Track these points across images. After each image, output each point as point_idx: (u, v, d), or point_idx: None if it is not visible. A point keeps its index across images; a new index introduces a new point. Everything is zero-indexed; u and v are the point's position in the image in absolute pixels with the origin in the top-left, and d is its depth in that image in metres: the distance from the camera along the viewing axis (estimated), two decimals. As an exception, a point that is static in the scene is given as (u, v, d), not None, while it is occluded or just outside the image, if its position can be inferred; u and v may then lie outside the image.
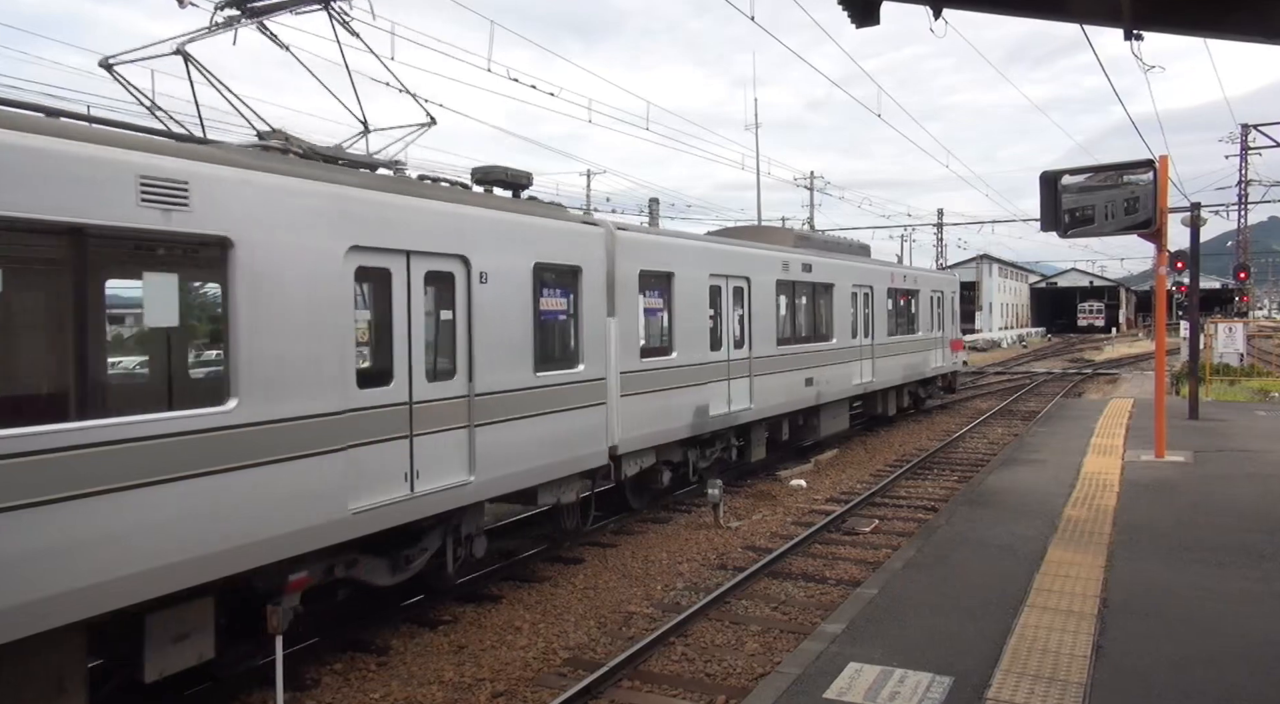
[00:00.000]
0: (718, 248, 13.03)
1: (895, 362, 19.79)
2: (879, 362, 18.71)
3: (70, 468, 4.90)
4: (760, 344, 13.75)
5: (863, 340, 17.94)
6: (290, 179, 6.29)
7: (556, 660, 7.44)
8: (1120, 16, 7.22)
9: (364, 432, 6.70)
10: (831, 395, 16.36)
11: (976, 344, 61.22)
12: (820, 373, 15.78)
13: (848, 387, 17.19)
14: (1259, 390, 25.20)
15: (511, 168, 9.41)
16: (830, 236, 18.57)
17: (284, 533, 6.06)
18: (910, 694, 5.29)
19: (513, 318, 8.46)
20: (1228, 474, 12.00)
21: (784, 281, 14.73)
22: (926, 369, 22.15)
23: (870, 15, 7.39)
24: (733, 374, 12.98)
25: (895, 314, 20.13)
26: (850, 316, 17.37)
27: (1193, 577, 7.49)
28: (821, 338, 16.21)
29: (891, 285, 19.65)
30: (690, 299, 11.87)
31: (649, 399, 10.82)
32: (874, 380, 18.43)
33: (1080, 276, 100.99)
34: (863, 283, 17.99)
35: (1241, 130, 39.98)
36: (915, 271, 22.68)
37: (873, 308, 18.49)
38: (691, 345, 11.86)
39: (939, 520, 9.89)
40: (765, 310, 13.99)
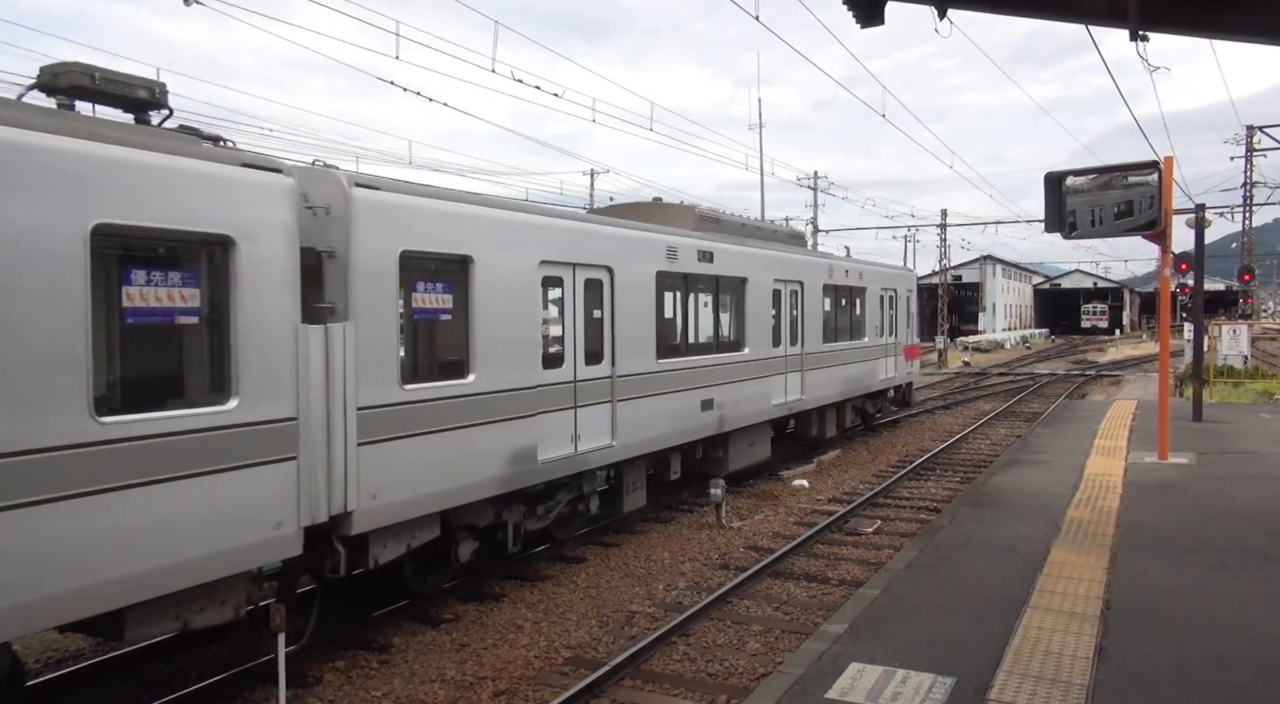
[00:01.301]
0: (555, 225, 9.36)
1: (833, 374, 16.54)
2: (811, 375, 15.45)
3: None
4: (631, 358, 10.36)
5: (789, 349, 14.67)
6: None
7: (558, 659, 7.44)
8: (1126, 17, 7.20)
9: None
10: (742, 419, 13.08)
11: (980, 345, 61.17)
12: (725, 392, 12.48)
13: (766, 407, 13.86)
14: (1263, 393, 25.14)
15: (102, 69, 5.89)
16: (750, 220, 14.89)
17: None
18: (912, 695, 5.29)
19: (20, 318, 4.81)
20: (1232, 476, 11.98)
21: (670, 274, 11.36)
22: (874, 382, 19.00)
23: (875, 15, 7.38)
24: (584, 400, 9.60)
25: (834, 317, 16.88)
26: (770, 320, 14.01)
27: (1196, 578, 7.48)
28: (728, 347, 12.93)
29: (829, 281, 16.38)
30: (503, 296, 8.39)
31: (419, 445, 7.35)
32: (803, 398, 15.15)
33: (1084, 278, 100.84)
34: (788, 277, 14.67)
35: (1247, 132, 39.86)
36: (862, 265, 19.02)
37: (803, 309, 15.21)
38: (506, 363, 8.40)
39: (942, 521, 9.88)
40: (639, 312, 10.57)
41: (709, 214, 13.42)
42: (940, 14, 7.31)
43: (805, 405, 15.35)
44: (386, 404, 7.06)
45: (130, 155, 5.34)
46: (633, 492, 11.15)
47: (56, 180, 4.94)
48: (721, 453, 13.06)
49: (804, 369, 15.19)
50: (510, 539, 8.94)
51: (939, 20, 7.32)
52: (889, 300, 19.93)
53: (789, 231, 16.49)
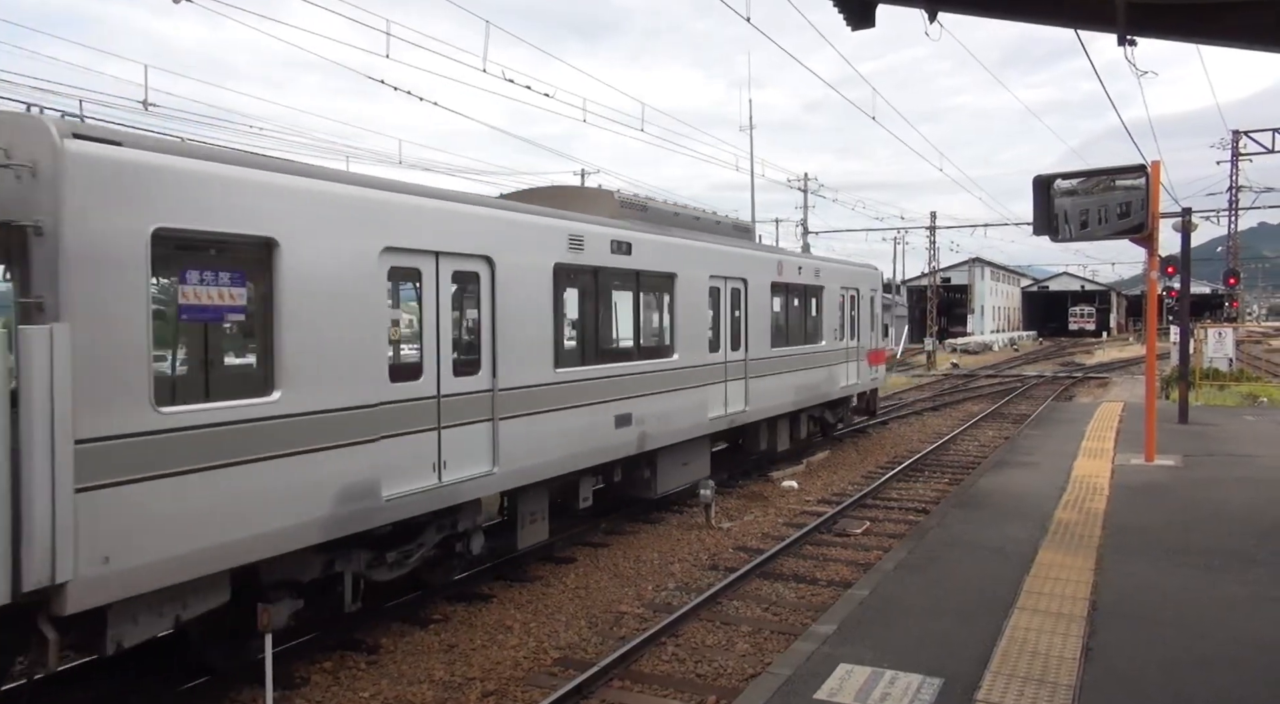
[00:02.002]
0: (405, 204, 7.47)
1: (784, 382, 14.86)
2: (757, 383, 13.81)
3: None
4: (519, 367, 8.67)
5: (729, 355, 13.04)
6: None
7: (547, 660, 7.43)
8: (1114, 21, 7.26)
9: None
10: (671, 435, 11.44)
11: (968, 347, 61.44)
12: (648, 405, 10.83)
13: (701, 421, 12.18)
14: (1248, 395, 25.34)
15: None
16: (686, 209, 13.05)
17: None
18: (900, 695, 5.31)
19: None
20: (1217, 478, 12.06)
21: (573, 268, 9.68)
22: (834, 389, 17.30)
23: (866, 18, 7.41)
24: (452, 419, 7.85)
25: (785, 318, 15.28)
26: (706, 322, 12.42)
27: (1182, 580, 7.53)
28: (652, 353, 11.36)
29: (779, 279, 14.70)
30: (326, 291, 6.64)
31: (189, 486, 5.69)
32: (748, 409, 13.49)
33: (1072, 280, 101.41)
34: (729, 274, 13.06)
35: (1233, 136, 40.18)
36: (818, 262, 17.30)
37: (746, 309, 13.55)
38: (332, 375, 6.66)
39: (930, 522, 9.92)
40: (530, 313, 8.88)
41: (633, 200, 11.63)
42: (930, 16, 7.35)
43: (750, 417, 13.69)
44: (128, 434, 5.33)
45: None
46: (531, 524, 9.42)
47: None
48: (648, 474, 11.49)
49: (748, 377, 13.54)
50: (349, 595, 7.20)
51: (929, 23, 7.36)
52: (850, 300, 18.32)
53: (733, 223, 14.47)
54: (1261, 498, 10.76)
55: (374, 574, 7.56)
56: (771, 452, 15.34)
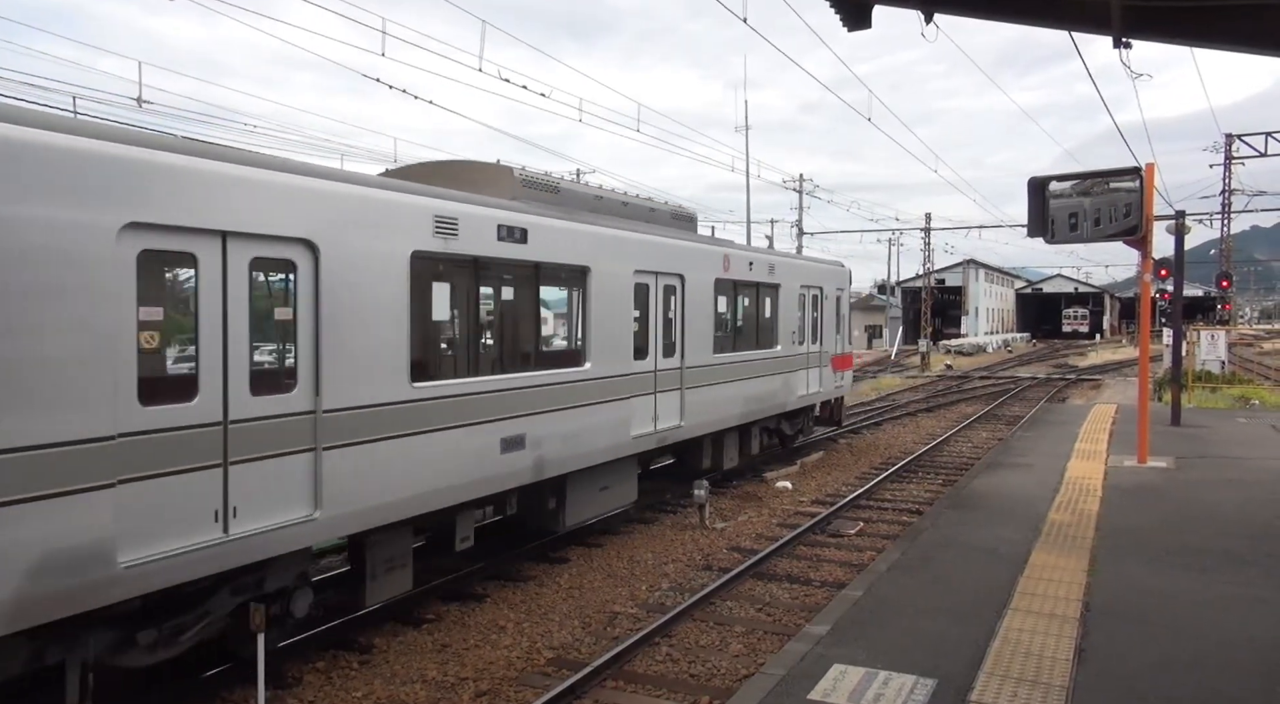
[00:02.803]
0: (163, 165, 5.60)
1: (730, 392, 13.24)
2: (696, 394, 12.20)
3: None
4: (351, 383, 6.81)
5: (661, 362, 11.46)
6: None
7: (540, 660, 7.42)
8: (1109, 24, 7.28)
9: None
10: (582, 458, 9.76)
11: (963, 348, 61.60)
12: (547, 424, 9.08)
13: (623, 440, 10.51)
14: (1240, 397, 25.46)
15: None
16: (611, 192, 11.36)
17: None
18: (894, 696, 5.31)
19: None
20: (1210, 480, 12.11)
21: (439, 258, 7.92)
22: (791, 399, 15.56)
23: (862, 19, 7.43)
24: (245, 451, 6.10)
25: (732, 320, 13.78)
26: (629, 324, 10.76)
27: (1175, 581, 7.55)
28: (554, 361, 9.85)
29: (725, 275, 13.10)
30: (21, 281, 4.91)
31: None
32: (684, 424, 11.88)
33: (1065, 282, 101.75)
34: (661, 268, 11.43)
35: (1226, 140, 40.37)
36: (773, 257, 15.52)
37: (683, 310, 11.95)
38: (19, 399, 4.89)
39: (924, 523, 9.93)
40: (369, 314, 7.00)
41: (539, 180, 9.89)
42: (926, 18, 7.36)
43: (687, 433, 12.09)
44: None
45: None
46: (387, 573, 7.70)
47: None
48: (553, 503, 9.91)
49: (684, 387, 11.90)
50: (73, 693, 5.46)
51: (925, 24, 7.38)
52: (812, 300, 16.66)
53: (671, 211, 12.75)
54: (1253, 499, 10.80)
55: (123, 659, 5.82)
56: (717, 470, 13.80)
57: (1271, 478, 12.19)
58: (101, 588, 5.24)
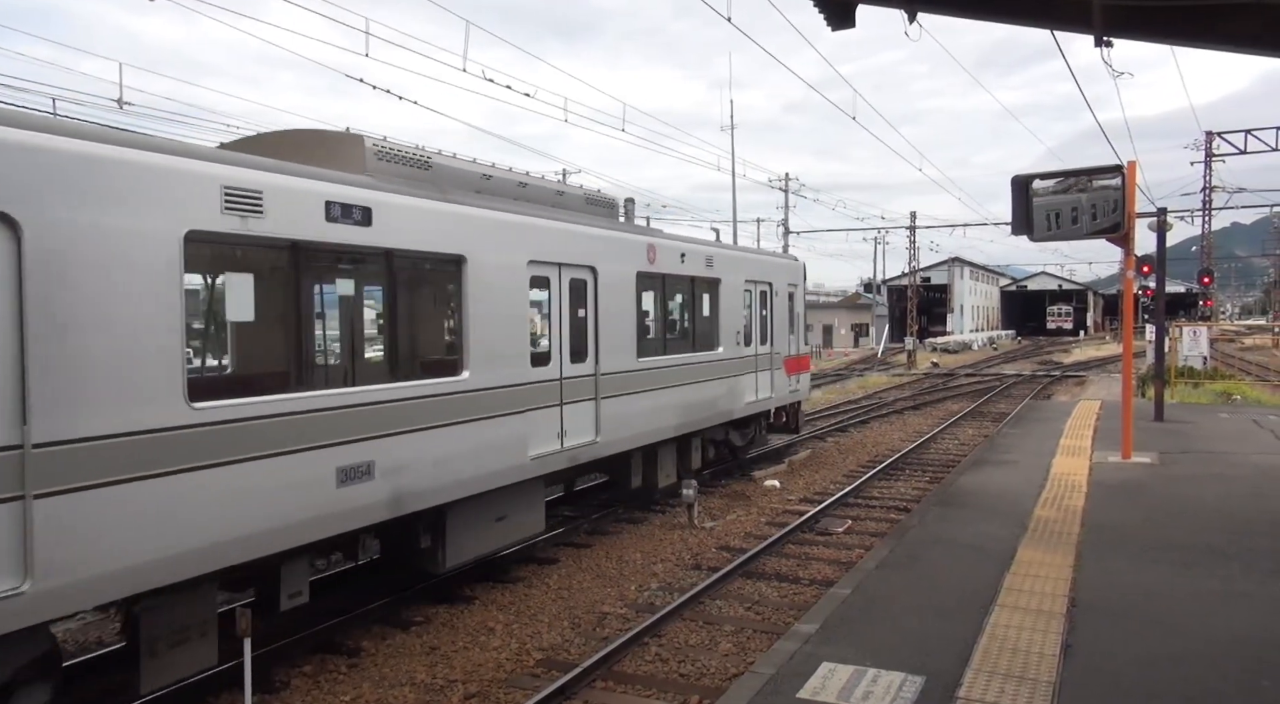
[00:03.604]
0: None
1: (659, 401, 11.77)
2: (614, 405, 10.62)
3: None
4: (82, 406, 5.26)
5: (568, 369, 9.87)
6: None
7: (530, 661, 7.41)
8: (1090, 23, 7.34)
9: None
10: (458, 487, 8.11)
11: (948, 346, 61.94)
12: (406, 447, 7.45)
13: (516, 462, 8.91)
14: (1222, 393, 25.70)
15: None
16: (498, 170, 9.48)
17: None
18: (883, 694, 5.33)
19: None
20: (1193, 475, 12.21)
21: (237, 243, 6.38)
22: (737, 406, 14.23)
23: (846, 18, 7.45)
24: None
25: (660, 319, 12.43)
26: (521, 326, 9.10)
27: (1159, 576, 7.61)
28: (414, 372, 7.96)
29: (650, 268, 11.65)
30: None
31: None
32: (599, 440, 10.32)
33: (1049, 280, 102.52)
34: (565, 259, 9.83)
35: (1206, 137, 40.75)
36: (712, 249, 13.78)
37: (596, 308, 10.43)
38: None
39: (911, 521, 9.97)
40: (108, 314, 5.44)
41: (399, 152, 8.17)
42: (910, 17, 7.39)
43: (606, 449, 10.54)
44: None
45: None
46: (177, 646, 6.13)
47: None
48: (429, 541, 8.27)
49: (600, 397, 10.36)
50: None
51: (909, 24, 7.41)
52: (761, 297, 15.30)
53: (586, 195, 11.08)
54: (1235, 494, 10.91)
55: None
56: (650, 488, 12.42)
57: (1253, 472, 12.31)
58: None
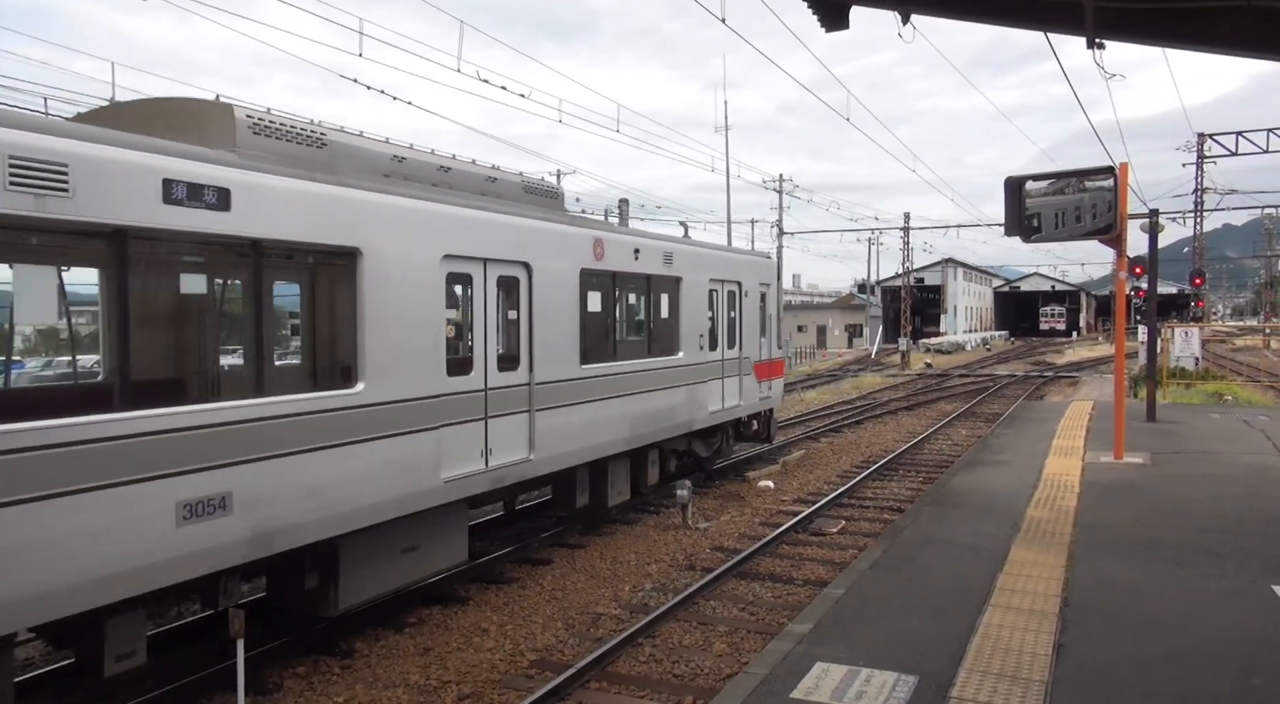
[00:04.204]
0: None
1: (609, 411, 10.69)
2: (552, 418, 9.50)
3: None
4: None
5: (496, 378, 8.72)
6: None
7: (524, 662, 7.40)
8: (1083, 25, 7.37)
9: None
10: (348, 518, 7.00)
11: (942, 347, 62.09)
12: (275, 476, 6.36)
13: (427, 486, 7.78)
14: (1214, 393, 25.82)
15: None
16: (424, 153, 8.65)
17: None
18: (876, 693, 5.33)
19: None
20: (1185, 475, 12.26)
21: (31, 230, 5.32)
22: (700, 415, 13.16)
23: (840, 19, 7.47)
24: None
25: (610, 322, 11.18)
26: (437, 329, 7.94)
27: (1151, 576, 7.64)
28: (287, 385, 6.96)
29: (597, 265, 10.51)
30: None
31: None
32: (533, 457, 9.21)
33: (1042, 281, 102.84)
34: (491, 254, 8.67)
35: (1198, 139, 40.96)
36: (672, 244, 12.65)
37: (530, 309, 9.27)
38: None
39: (905, 521, 9.99)
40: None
41: (282, 127, 7.06)
42: (903, 19, 7.42)
43: (543, 467, 9.45)
44: None
45: None
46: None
47: None
48: (317, 579, 7.24)
49: (535, 409, 9.24)
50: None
51: (902, 25, 7.43)
52: (728, 297, 14.21)
53: (524, 184, 10.04)
54: (1226, 494, 10.96)
55: None
56: (600, 507, 11.38)
57: (1245, 472, 12.37)
58: None
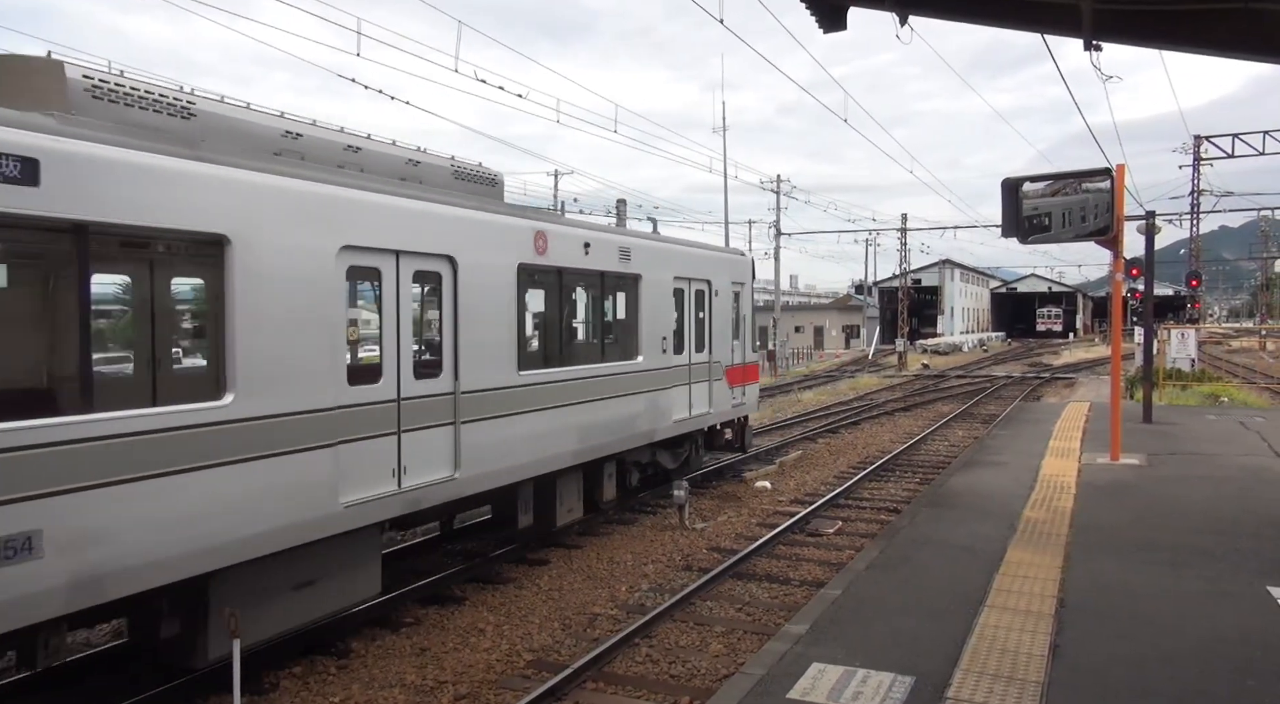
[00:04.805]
0: None
1: (554, 422, 9.64)
2: (486, 430, 8.52)
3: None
4: None
5: (412, 386, 7.74)
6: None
7: (520, 662, 7.40)
8: (1080, 27, 7.38)
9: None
10: (216, 554, 6.03)
11: (939, 348, 62.16)
12: (106, 508, 5.30)
13: (318, 513, 6.79)
14: (1210, 395, 25.87)
15: None
16: (316, 131, 7.63)
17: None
18: (872, 694, 5.34)
19: None
20: (1181, 476, 12.29)
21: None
22: (663, 424, 12.18)
23: (838, 20, 7.48)
24: None
25: (555, 322, 10.25)
26: (332, 332, 6.95)
27: (1147, 577, 7.65)
28: (122, 399, 5.72)
29: (539, 261, 9.44)
30: None
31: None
32: (458, 475, 8.17)
33: (1039, 282, 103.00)
34: (406, 247, 7.67)
35: (1195, 141, 41.03)
36: (629, 239, 11.67)
37: (456, 308, 8.24)
38: None
39: (901, 522, 10.00)
40: None
41: (132, 91, 6.14)
42: (901, 20, 7.43)
43: (472, 485, 8.39)
44: None
45: None
46: None
47: None
48: (178, 625, 6.29)
49: (462, 420, 8.17)
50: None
51: (900, 26, 7.44)
52: (696, 297, 13.20)
53: (454, 168, 9.11)
54: (1222, 495, 10.98)
55: None
56: (548, 526, 10.36)
57: (1240, 474, 12.40)
58: None
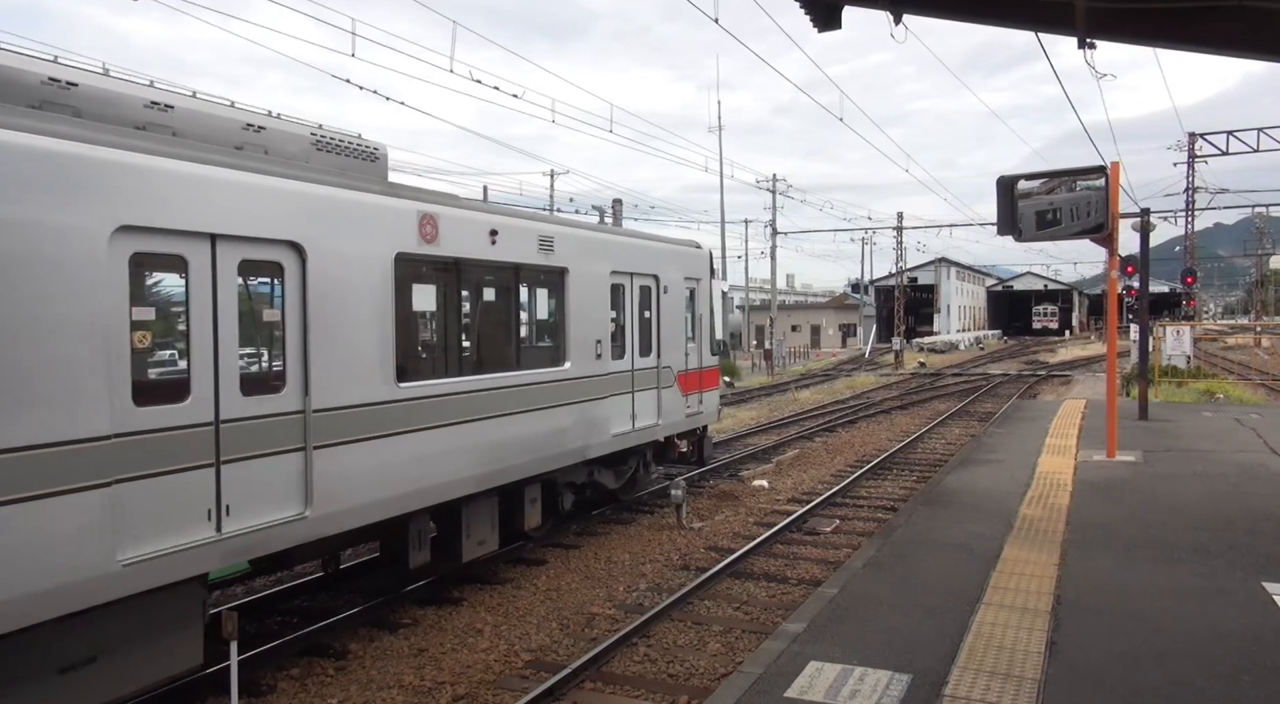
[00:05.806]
0: None
1: (450, 441, 8.13)
2: (349, 454, 7.00)
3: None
4: None
5: (240, 405, 6.13)
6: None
7: (518, 662, 7.40)
8: (1074, 25, 7.40)
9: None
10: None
11: (935, 346, 62.26)
12: None
13: (96, 571, 5.14)
14: (1205, 392, 25.92)
15: None
16: (103, 81, 5.92)
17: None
18: (870, 692, 5.35)
19: None
20: (1176, 473, 12.31)
21: None
22: (600, 439, 10.76)
23: (832, 19, 7.49)
24: None
25: (450, 324, 8.83)
26: (116, 339, 5.30)
27: (1143, 574, 7.67)
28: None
29: (425, 250, 7.92)
30: None
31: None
32: (311, 513, 6.62)
33: (1035, 280, 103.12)
34: (239, 231, 6.11)
35: (1189, 139, 41.12)
36: (553, 227, 10.11)
37: (304, 309, 6.69)
38: None
39: (898, 520, 10.01)
40: None
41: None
42: (895, 19, 7.44)
43: (327, 526, 6.85)
44: None
45: None
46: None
47: None
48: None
49: (315, 444, 6.69)
50: None
51: (894, 25, 7.45)
52: (641, 294, 11.83)
53: (314, 138, 7.46)
54: (1217, 492, 11.01)
55: None
56: (453, 562, 8.86)
57: (1236, 470, 12.43)
58: None
